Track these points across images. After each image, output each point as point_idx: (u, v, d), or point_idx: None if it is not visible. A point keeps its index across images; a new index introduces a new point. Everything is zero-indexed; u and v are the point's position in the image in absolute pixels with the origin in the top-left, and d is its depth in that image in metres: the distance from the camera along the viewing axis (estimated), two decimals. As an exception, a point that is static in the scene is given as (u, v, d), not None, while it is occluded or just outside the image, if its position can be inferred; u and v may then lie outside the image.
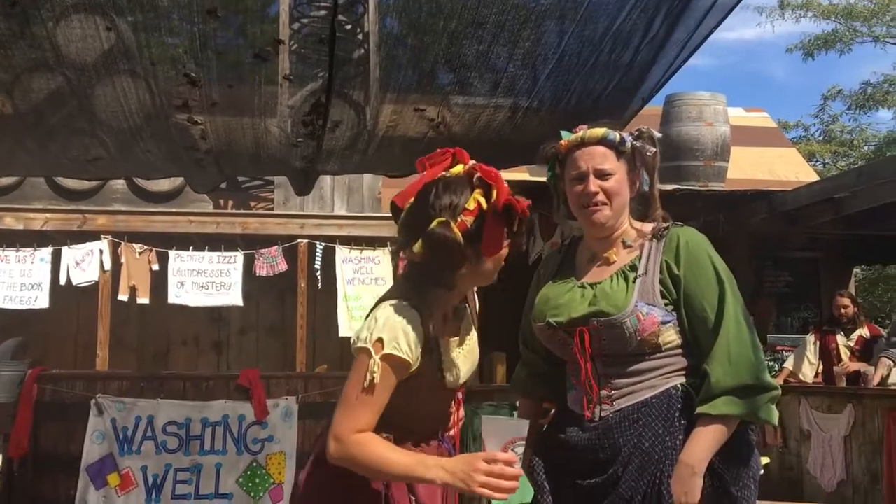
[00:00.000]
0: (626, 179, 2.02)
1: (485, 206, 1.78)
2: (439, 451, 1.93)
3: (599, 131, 2.02)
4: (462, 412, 2.01)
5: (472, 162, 1.87)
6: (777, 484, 6.18)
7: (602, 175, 2.00)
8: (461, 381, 1.92)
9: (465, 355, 1.94)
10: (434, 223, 1.76)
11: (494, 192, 1.79)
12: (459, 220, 1.77)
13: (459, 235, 1.75)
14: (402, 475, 1.78)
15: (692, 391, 1.91)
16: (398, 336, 1.76)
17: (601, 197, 2.00)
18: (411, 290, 1.85)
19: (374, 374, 1.75)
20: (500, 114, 3.75)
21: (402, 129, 3.84)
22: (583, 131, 2.04)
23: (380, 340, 1.76)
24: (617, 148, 2.01)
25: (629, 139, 2.03)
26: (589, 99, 3.59)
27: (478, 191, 1.79)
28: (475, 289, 2.06)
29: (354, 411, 1.77)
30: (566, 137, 2.06)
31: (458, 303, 1.97)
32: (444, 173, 1.86)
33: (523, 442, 1.86)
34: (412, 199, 1.84)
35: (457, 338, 1.92)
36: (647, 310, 1.91)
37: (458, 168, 1.86)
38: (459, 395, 1.98)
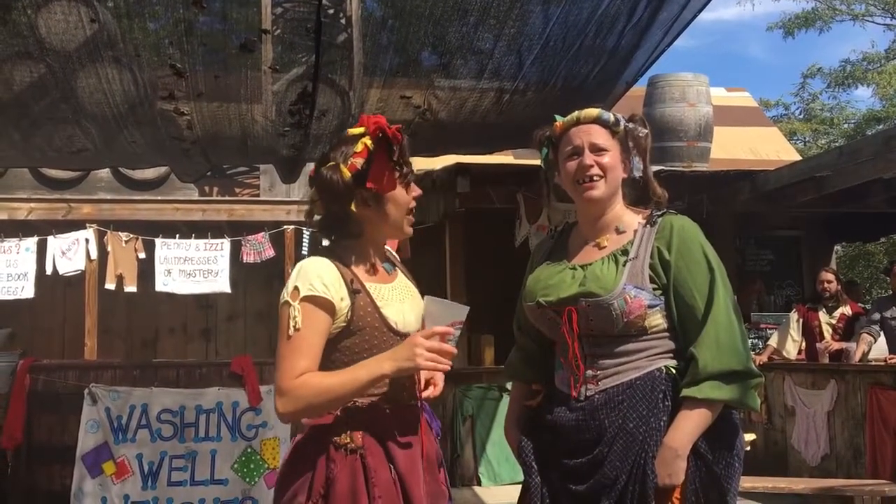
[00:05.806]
0: (620, 159, 2.04)
1: (371, 146, 1.87)
2: (420, 414, 1.94)
3: (594, 111, 2.04)
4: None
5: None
6: (762, 459, 6.28)
7: (597, 150, 2.01)
8: (409, 326, 1.93)
9: (409, 305, 1.96)
10: (323, 167, 1.89)
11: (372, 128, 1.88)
12: (350, 162, 1.87)
13: (347, 174, 1.86)
14: (351, 390, 1.81)
15: (676, 374, 1.93)
16: (312, 279, 1.84)
17: (596, 170, 2.00)
18: (324, 249, 1.95)
19: (296, 319, 1.81)
20: (486, 99, 3.76)
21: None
22: (578, 111, 2.06)
23: (296, 289, 1.84)
24: (611, 128, 2.03)
25: (623, 121, 2.05)
26: (574, 83, 3.61)
27: (366, 137, 1.89)
28: (397, 254, 2.12)
29: (287, 361, 1.81)
30: (560, 119, 2.08)
31: (384, 260, 2.00)
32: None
33: (461, 326, 1.90)
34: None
35: (389, 284, 1.96)
36: (636, 293, 1.93)
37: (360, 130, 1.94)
38: None
